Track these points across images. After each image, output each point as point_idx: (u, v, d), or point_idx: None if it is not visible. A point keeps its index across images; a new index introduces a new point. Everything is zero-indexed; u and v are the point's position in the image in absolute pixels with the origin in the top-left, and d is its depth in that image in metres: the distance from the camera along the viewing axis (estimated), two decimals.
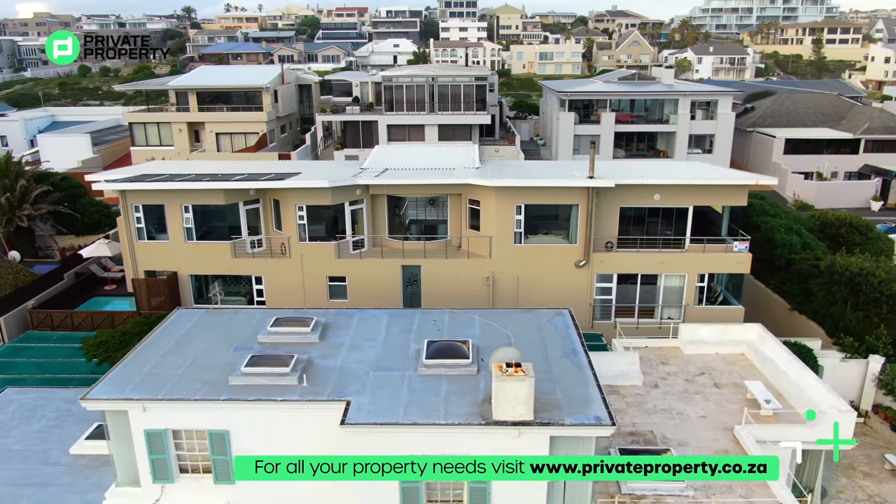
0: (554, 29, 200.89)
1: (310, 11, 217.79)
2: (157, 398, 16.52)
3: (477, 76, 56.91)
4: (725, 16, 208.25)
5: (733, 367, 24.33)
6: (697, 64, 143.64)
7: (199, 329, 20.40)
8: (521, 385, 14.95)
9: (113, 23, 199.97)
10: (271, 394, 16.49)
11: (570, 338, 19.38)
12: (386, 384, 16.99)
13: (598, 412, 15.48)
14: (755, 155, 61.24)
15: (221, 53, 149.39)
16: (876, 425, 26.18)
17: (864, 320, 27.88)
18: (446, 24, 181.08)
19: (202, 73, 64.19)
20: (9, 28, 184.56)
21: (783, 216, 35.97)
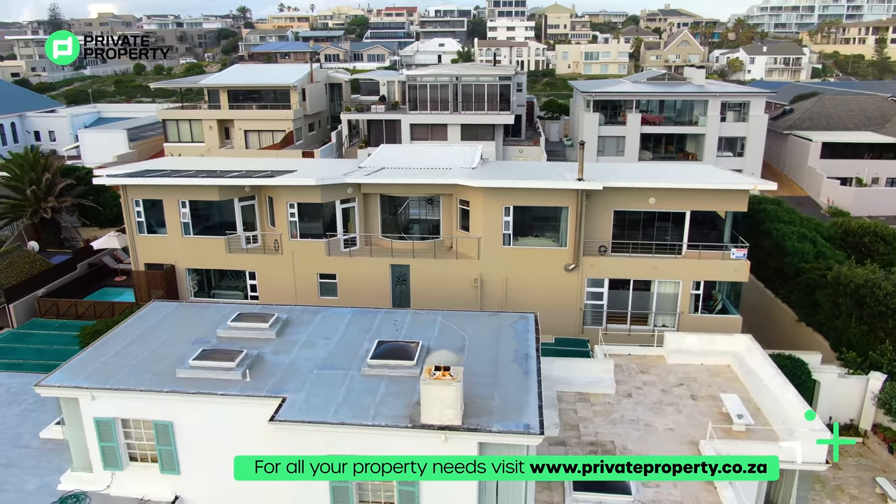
0: (604, 28, 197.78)
1: (360, 11, 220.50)
2: (105, 387, 16.99)
3: (501, 76, 56.48)
4: (785, 14, 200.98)
5: (716, 379, 23.44)
6: (750, 64, 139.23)
7: (166, 322, 20.87)
8: (448, 389, 14.74)
9: (171, 22, 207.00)
10: (213, 388, 16.74)
11: (526, 343, 18.99)
12: (327, 383, 17.02)
13: (529, 420, 15.13)
14: (791, 159, 58.86)
15: (270, 52, 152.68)
16: (874, 446, 24.79)
17: (868, 334, 26.44)
18: (494, 23, 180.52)
19: (234, 72, 65.78)
20: (74, 28, 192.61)
21: (798, 223, 34.46)
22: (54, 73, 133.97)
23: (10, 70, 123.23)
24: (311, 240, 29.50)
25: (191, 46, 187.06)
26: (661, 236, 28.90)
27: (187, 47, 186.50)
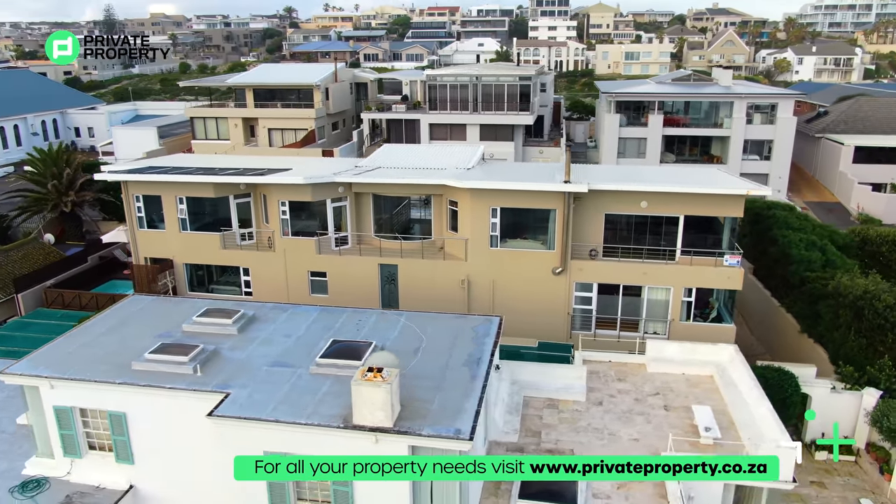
0: (649, 28, 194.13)
1: (403, 11, 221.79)
2: (63, 377, 17.52)
3: (521, 76, 56.04)
4: (840, 13, 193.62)
5: (694, 389, 22.74)
6: (797, 65, 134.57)
7: (140, 315, 21.40)
8: (378, 391, 14.69)
9: (219, 22, 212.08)
10: (163, 381, 17.08)
11: (482, 347, 18.77)
12: (274, 380, 17.18)
13: (461, 425, 14.95)
14: (822, 163, 56.69)
15: (310, 52, 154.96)
16: (866, 466, 23.65)
17: (867, 348, 25.24)
18: (536, 22, 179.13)
19: (260, 71, 66.99)
20: (128, 28, 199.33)
21: (809, 230, 33.16)
22: (104, 71, 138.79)
23: (62, 69, 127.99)
24: (302, 238, 29.80)
25: (237, 46, 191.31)
26: (656, 241, 28.16)
27: (233, 46, 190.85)
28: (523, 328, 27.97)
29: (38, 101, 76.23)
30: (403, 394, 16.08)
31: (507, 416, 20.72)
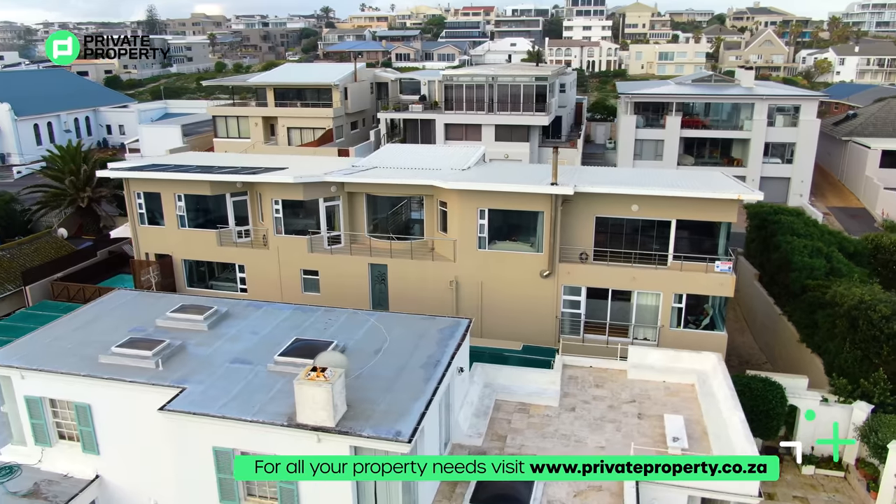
0: (687, 27, 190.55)
1: (437, 10, 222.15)
2: (32, 368, 18.06)
3: (537, 76, 55.63)
4: (889, 12, 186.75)
5: (672, 398, 22.26)
6: (839, 65, 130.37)
7: (120, 309, 21.91)
8: (319, 390, 14.77)
9: (258, 22, 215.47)
10: (125, 374, 17.47)
11: (444, 349, 18.69)
12: (232, 376, 17.41)
13: (402, 427, 14.92)
14: (849, 167, 54.88)
15: (343, 51, 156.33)
16: (854, 482, 22.80)
17: (862, 360, 24.33)
18: (570, 22, 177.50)
19: (281, 71, 67.92)
20: (170, 28, 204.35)
21: (817, 236, 32.07)
22: (143, 70, 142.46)
23: (103, 67, 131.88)
24: (295, 236, 30.12)
25: (273, 45, 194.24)
26: (649, 246, 27.66)
27: (270, 46, 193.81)
28: (511, 331, 27.83)
29: (73, 99, 78.79)
30: (354, 394, 16.15)
31: (474, 419, 20.59)
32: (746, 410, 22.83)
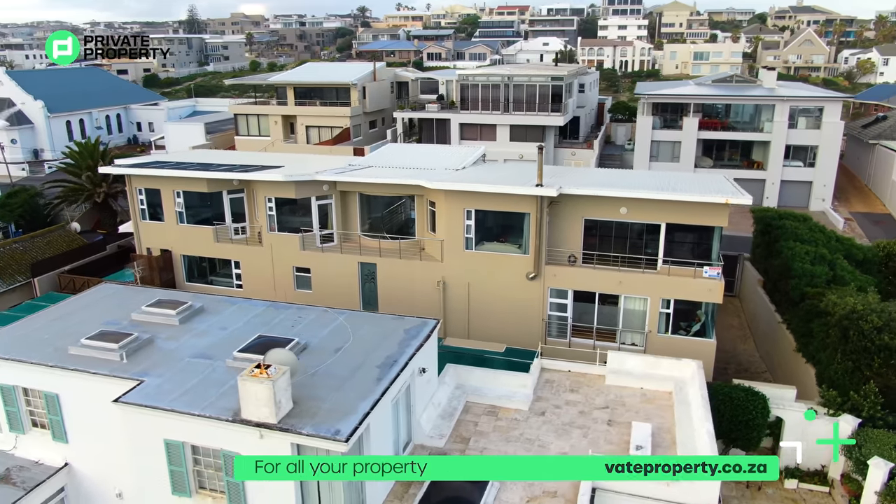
0: (726, 27, 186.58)
1: (472, 10, 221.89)
2: (4, 357, 18.66)
3: (553, 76, 55.17)
4: None
5: (647, 405, 21.83)
6: (883, 66, 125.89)
7: (101, 302, 22.48)
8: (261, 387, 14.91)
9: (295, 22, 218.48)
10: (89, 365, 17.92)
11: (404, 349, 18.66)
12: (191, 371, 17.69)
13: (342, 426, 14.96)
14: (875, 171, 52.99)
15: (376, 51, 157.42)
16: (839, 498, 22.01)
17: (853, 372, 23.47)
18: (606, 21, 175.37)
19: (301, 70, 68.74)
20: (209, 27, 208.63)
21: (822, 243, 31.08)
22: (181, 69, 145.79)
23: (142, 66, 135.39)
24: (287, 234, 30.47)
25: (309, 45, 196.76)
26: (638, 249, 27.20)
27: (306, 45, 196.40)
28: (497, 333, 27.67)
29: (106, 97, 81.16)
30: (304, 392, 16.27)
31: (439, 420, 20.52)
32: (726, 420, 22.50)
